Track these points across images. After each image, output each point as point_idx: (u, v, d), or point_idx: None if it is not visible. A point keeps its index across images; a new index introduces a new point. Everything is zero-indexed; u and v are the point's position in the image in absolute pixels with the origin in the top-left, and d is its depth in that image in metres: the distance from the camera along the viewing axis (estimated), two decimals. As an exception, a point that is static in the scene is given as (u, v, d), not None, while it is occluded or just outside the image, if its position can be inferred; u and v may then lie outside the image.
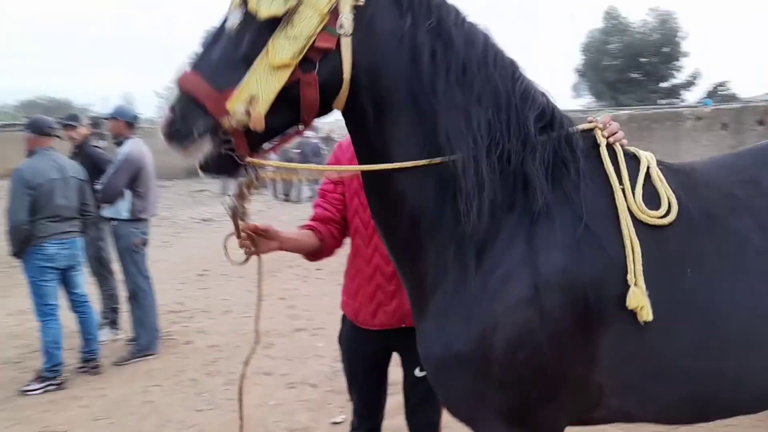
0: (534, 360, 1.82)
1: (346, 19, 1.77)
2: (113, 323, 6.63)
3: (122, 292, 6.38)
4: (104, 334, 6.37)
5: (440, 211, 1.90)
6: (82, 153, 6.64)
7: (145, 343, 5.99)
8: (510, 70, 1.95)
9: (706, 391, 1.90)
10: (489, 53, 1.91)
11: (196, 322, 7.07)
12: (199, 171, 1.87)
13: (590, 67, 39.18)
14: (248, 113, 1.73)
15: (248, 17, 1.76)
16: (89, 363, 5.67)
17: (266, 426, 4.45)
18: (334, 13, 1.76)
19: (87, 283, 5.93)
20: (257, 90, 1.73)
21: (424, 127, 1.86)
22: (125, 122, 6.32)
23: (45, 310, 5.38)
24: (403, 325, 2.65)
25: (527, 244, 1.85)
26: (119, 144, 6.30)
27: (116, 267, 6.40)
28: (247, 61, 1.74)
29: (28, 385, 5.29)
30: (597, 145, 2.00)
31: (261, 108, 1.73)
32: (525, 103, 1.92)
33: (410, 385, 2.80)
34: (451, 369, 1.91)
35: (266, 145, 1.89)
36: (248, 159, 1.83)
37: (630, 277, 1.80)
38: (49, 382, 5.30)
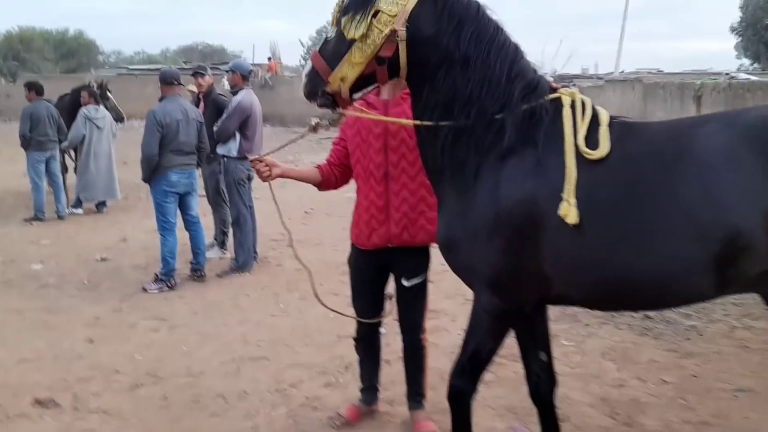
0: (503, 247, 2.66)
1: (401, 32, 2.71)
2: (222, 244, 7.88)
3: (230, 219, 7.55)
4: (213, 252, 7.66)
5: (453, 151, 2.80)
6: (207, 99, 7.84)
7: (242, 261, 7.15)
8: (510, 57, 2.78)
9: (618, 279, 2.58)
10: (493, 47, 2.76)
11: (290, 250, 8.13)
12: (319, 107, 2.97)
13: (748, 25, 36.20)
14: (340, 87, 2.80)
15: (341, 34, 2.77)
16: (196, 272, 6.93)
17: (321, 331, 5.43)
18: (394, 31, 2.71)
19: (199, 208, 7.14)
20: (346, 73, 2.78)
21: (446, 97, 2.77)
22: (241, 74, 7.36)
23: (165, 226, 6.67)
24: (389, 245, 3.47)
25: (503, 171, 2.69)
26: (235, 93, 7.39)
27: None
28: (343, 55, 2.76)
29: (149, 284, 6.64)
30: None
31: (347, 84, 2.81)
32: (513, 80, 2.74)
33: (400, 292, 3.65)
34: (451, 248, 2.85)
35: (356, 95, 2.95)
36: (339, 110, 2.97)
37: (564, 194, 2.54)
38: (163, 284, 6.61)
